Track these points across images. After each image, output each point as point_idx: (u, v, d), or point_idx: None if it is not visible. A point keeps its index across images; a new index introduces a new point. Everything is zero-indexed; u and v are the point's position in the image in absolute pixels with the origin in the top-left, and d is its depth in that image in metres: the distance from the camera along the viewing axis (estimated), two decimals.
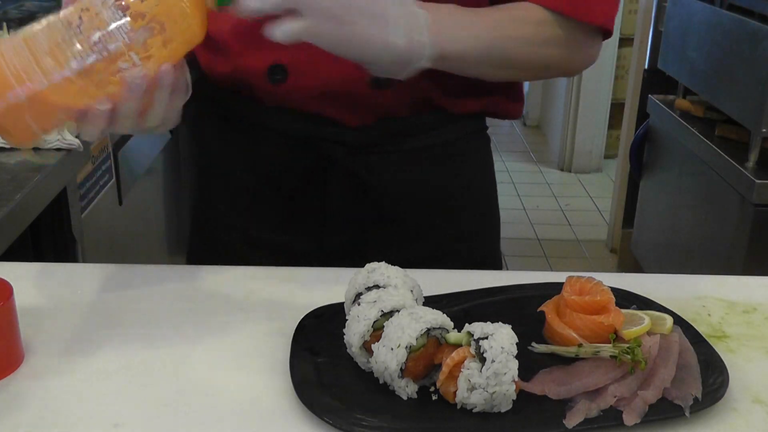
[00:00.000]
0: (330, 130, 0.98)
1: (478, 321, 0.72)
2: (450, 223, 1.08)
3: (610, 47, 3.90)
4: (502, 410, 0.69)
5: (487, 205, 1.13)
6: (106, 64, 0.70)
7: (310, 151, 1.00)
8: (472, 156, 1.09)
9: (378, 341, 0.72)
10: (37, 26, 0.69)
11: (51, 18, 0.69)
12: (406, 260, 0.96)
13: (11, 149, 1.26)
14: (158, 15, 0.70)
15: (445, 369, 0.69)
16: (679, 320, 0.82)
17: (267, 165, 1.04)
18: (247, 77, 0.97)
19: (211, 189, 1.11)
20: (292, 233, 1.06)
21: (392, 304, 0.74)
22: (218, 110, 1.07)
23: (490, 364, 0.67)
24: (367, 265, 0.81)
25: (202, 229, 1.14)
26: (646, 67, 2.95)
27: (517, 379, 0.68)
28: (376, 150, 1.01)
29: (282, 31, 0.75)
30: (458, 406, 0.69)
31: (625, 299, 0.85)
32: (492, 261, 1.15)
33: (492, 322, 0.71)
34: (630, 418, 0.68)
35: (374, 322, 0.73)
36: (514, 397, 0.69)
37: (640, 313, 0.81)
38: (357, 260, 0.96)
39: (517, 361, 0.68)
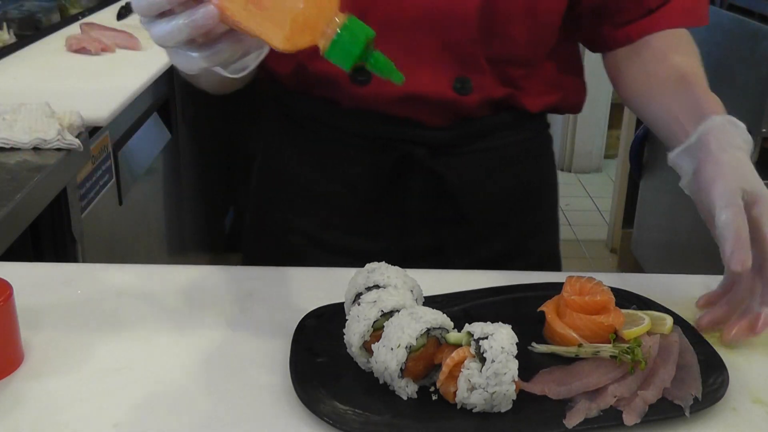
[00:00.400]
0: (410, 131, 0.98)
1: (478, 321, 0.71)
2: (523, 220, 1.09)
3: None
4: (502, 410, 0.69)
5: (552, 201, 1.15)
6: None
7: (391, 152, 1.00)
8: (542, 153, 1.11)
9: (378, 341, 0.72)
10: None
11: None
12: (481, 259, 0.97)
13: (11, 149, 1.26)
14: None
15: (445, 369, 0.69)
16: (679, 320, 0.82)
17: (343, 168, 1.03)
18: (328, 78, 0.96)
19: (276, 191, 1.10)
20: (369, 236, 1.05)
21: (392, 304, 0.74)
22: (285, 111, 1.06)
23: (490, 364, 0.67)
24: (367, 265, 0.81)
25: (264, 232, 1.13)
26: None
27: (517, 379, 0.68)
28: (456, 150, 1.01)
29: None
30: (458, 406, 0.69)
31: (625, 299, 0.85)
32: (556, 257, 1.16)
33: (492, 322, 0.71)
34: (630, 418, 0.68)
35: (374, 322, 0.73)
36: (514, 397, 0.69)
37: (640, 313, 0.81)
38: (435, 261, 0.96)
39: (517, 361, 0.68)
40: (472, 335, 0.70)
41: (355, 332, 0.73)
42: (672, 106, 0.91)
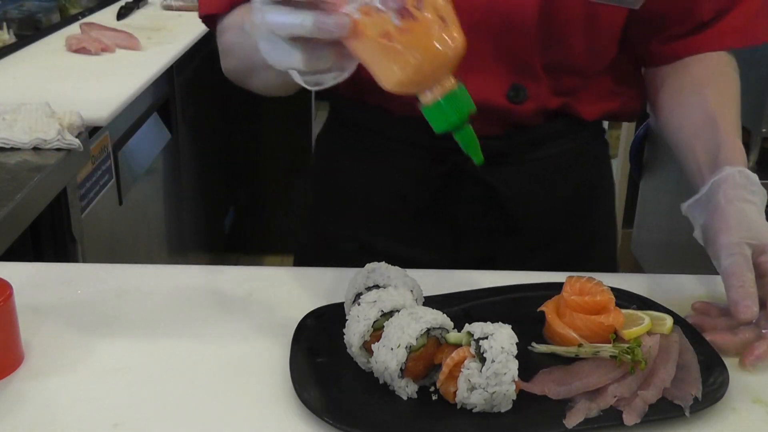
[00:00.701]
0: None
1: (478, 321, 0.71)
2: (579, 229, 1.07)
3: None
4: (502, 410, 0.69)
5: (609, 208, 1.13)
6: None
7: (442, 162, 0.99)
8: (597, 160, 1.09)
9: (378, 341, 0.72)
10: None
11: None
12: (534, 270, 0.95)
13: (11, 149, 1.26)
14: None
15: (445, 369, 0.69)
16: (679, 320, 0.82)
17: (394, 177, 1.02)
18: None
19: (329, 199, 1.10)
20: (420, 245, 1.04)
21: (392, 304, 0.74)
22: (339, 119, 1.05)
23: (490, 364, 0.67)
24: (367, 265, 0.81)
25: (318, 238, 1.12)
26: None
27: (517, 379, 0.68)
28: (508, 160, 0.99)
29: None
30: (458, 406, 0.69)
31: (625, 299, 0.85)
32: (614, 265, 1.15)
33: (492, 322, 0.71)
34: (630, 418, 0.68)
35: (374, 322, 0.73)
36: (514, 397, 0.69)
37: (640, 313, 0.81)
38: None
39: (517, 361, 0.68)
40: (472, 335, 0.70)
41: (355, 332, 0.73)
42: (695, 147, 0.92)
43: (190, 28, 2.33)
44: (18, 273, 0.84)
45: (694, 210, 0.89)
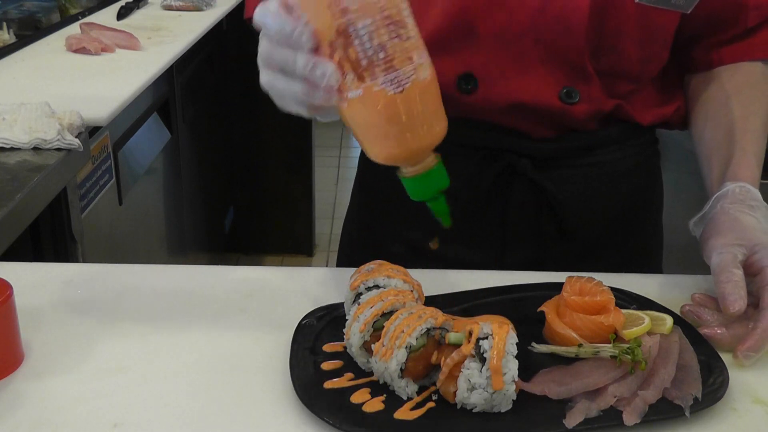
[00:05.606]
0: (515, 142, 0.96)
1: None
2: (630, 240, 1.07)
3: None
4: (502, 410, 0.69)
5: (658, 219, 1.13)
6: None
7: (494, 163, 0.98)
8: (650, 170, 1.09)
9: (378, 341, 0.72)
10: None
11: None
12: None
13: (11, 149, 1.26)
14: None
15: (445, 369, 0.69)
16: (679, 320, 0.82)
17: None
18: None
19: (376, 201, 1.09)
20: (470, 247, 1.03)
21: (392, 304, 0.74)
22: None
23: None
24: (367, 265, 0.81)
25: (364, 242, 1.12)
26: None
27: (517, 379, 0.68)
28: (562, 163, 0.99)
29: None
30: (458, 406, 0.69)
31: (625, 299, 0.85)
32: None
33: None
34: (630, 418, 0.68)
35: (374, 322, 0.73)
36: (514, 397, 0.69)
37: (640, 313, 0.81)
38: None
39: (517, 361, 0.68)
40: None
41: (355, 332, 0.73)
42: (712, 162, 0.94)
43: (190, 28, 2.33)
44: (18, 273, 0.84)
45: (697, 227, 0.90)
